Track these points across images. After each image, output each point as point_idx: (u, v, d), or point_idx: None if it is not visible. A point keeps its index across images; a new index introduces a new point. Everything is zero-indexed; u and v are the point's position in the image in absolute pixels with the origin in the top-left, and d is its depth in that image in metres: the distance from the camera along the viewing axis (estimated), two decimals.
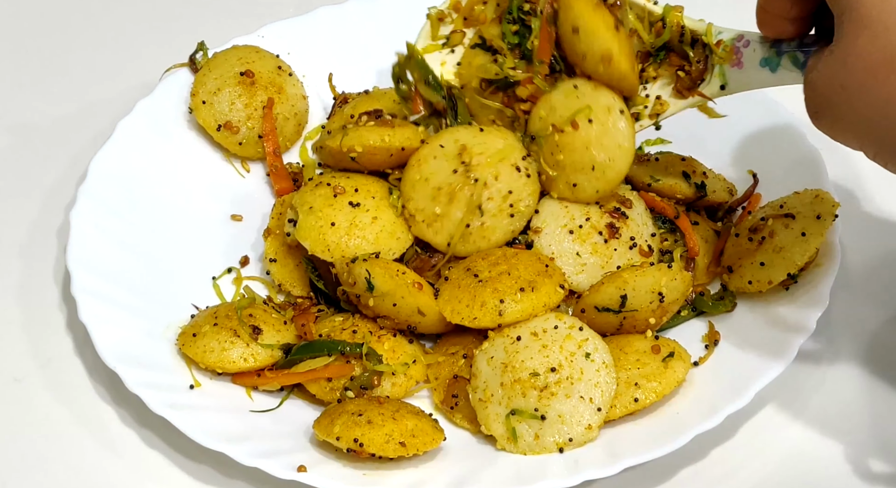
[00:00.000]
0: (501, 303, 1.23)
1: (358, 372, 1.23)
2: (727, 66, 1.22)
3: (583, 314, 1.26)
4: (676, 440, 1.15)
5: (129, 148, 1.43)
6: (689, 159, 1.41)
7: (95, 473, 1.21)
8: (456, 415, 1.23)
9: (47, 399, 1.27)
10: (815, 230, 1.27)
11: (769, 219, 1.30)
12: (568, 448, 1.17)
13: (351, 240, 1.29)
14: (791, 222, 1.29)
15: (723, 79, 1.23)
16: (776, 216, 1.30)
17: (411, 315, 1.25)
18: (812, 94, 1.03)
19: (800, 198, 1.32)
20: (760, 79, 1.18)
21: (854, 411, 1.25)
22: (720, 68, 1.23)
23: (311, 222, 1.29)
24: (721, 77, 1.23)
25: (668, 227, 1.35)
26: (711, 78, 1.24)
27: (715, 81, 1.24)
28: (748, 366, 1.21)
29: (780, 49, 1.14)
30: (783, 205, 1.32)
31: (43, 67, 1.69)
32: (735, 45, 1.21)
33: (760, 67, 1.17)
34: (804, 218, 1.28)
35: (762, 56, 1.16)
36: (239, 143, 1.47)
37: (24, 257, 1.42)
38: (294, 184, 1.45)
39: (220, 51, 1.51)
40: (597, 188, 1.29)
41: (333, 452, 1.17)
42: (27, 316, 1.36)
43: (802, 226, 1.27)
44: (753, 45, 1.18)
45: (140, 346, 1.24)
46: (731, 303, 1.30)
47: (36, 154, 1.56)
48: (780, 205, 1.33)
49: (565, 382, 1.18)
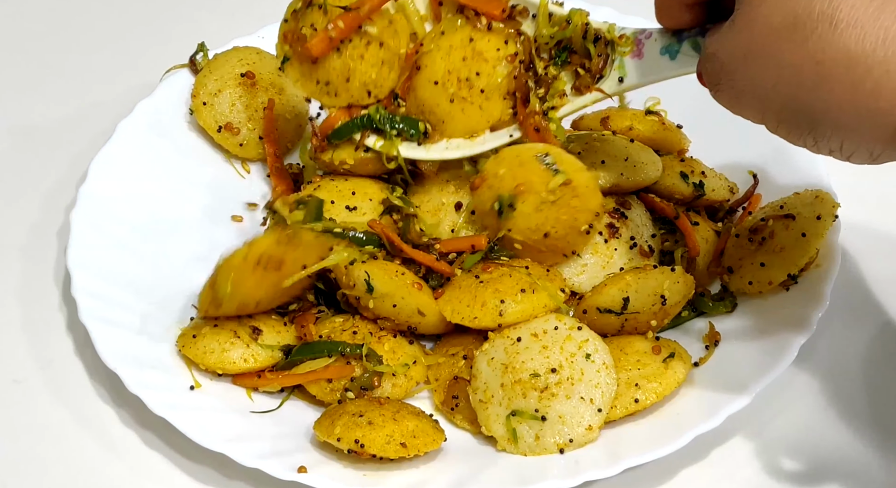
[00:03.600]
0: (502, 304, 1.23)
1: (358, 373, 1.23)
2: (627, 57, 1.22)
3: (584, 315, 1.26)
4: (677, 440, 1.15)
5: (129, 148, 1.43)
6: (688, 159, 1.41)
7: (96, 474, 1.21)
8: (456, 416, 1.23)
9: (48, 400, 1.27)
10: (816, 231, 1.27)
11: (769, 220, 1.30)
12: (568, 448, 1.17)
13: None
14: (791, 223, 1.29)
15: (622, 71, 1.23)
16: (776, 216, 1.30)
17: (411, 315, 1.25)
18: (712, 66, 1.01)
19: (800, 198, 1.32)
20: (660, 67, 1.18)
21: (855, 411, 1.25)
22: (620, 61, 1.23)
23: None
24: (620, 69, 1.23)
25: (669, 228, 1.35)
26: (610, 72, 1.24)
27: (613, 75, 1.24)
28: (748, 366, 1.21)
29: (681, 36, 1.15)
30: (783, 206, 1.32)
31: (43, 69, 1.69)
32: (637, 37, 1.22)
33: (661, 55, 1.18)
34: (804, 218, 1.28)
35: (662, 45, 1.18)
36: (240, 145, 1.47)
37: (24, 258, 1.42)
38: (295, 184, 1.45)
39: (220, 52, 1.51)
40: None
41: (334, 453, 1.17)
42: (27, 317, 1.36)
43: (802, 227, 1.27)
44: (655, 36, 1.19)
45: (140, 347, 1.25)
46: (731, 304, 1.31)
47: (36, 155, 1.56)
48: (780, 205, 1.33)
49: (566, 383, 1.18)
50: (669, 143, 1.42)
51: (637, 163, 1.34)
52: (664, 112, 1.45)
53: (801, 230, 1.27)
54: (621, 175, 1.33)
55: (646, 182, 1.34)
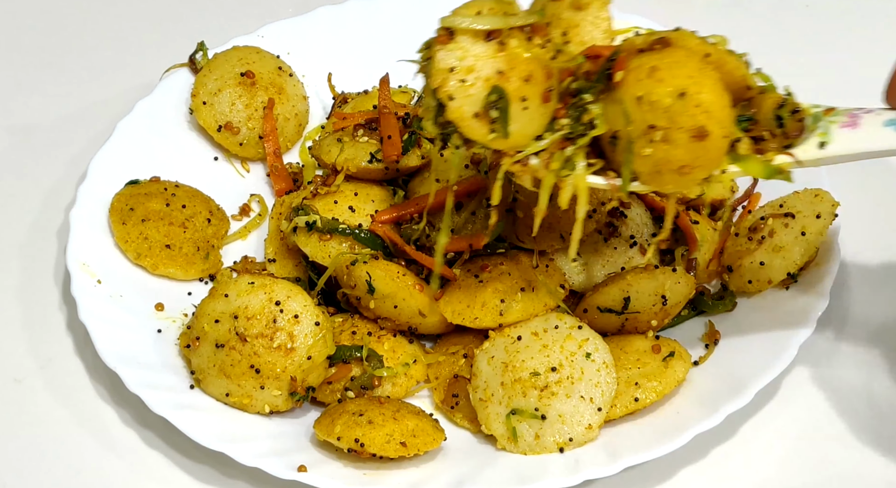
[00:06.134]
0: (502, 303, 1.23)
1: (358, 373, 1.23)
2: (835, 126, 1.06)
3: (585, 314, 1.26)
4: (676, 439, 1.15)
5: (129, 148, 1.43)
6: None
7: (96, 473, 1.21)
8: (456, 415, 1.23)
9: (47, 399, 1.27)
10: (815, 229, 1.27)
11: (769, 219, 1.30)
12: (568, 447, 1.17)
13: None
14: (791, 221, 1.29)
15: (825, 138, 1.05)
16: (776, 215, 1.30)
17: (412, 316, 1.25)
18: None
19: (799, 197, 1.32)
20: (881, 139, 1.03)
21: (855, 410, 1.25)
22: (825, 128, 1.06)
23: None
24: (824, 135, 1.06)
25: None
26: (809, 138, 1.06)
27: (812, 140, 1.06)
28: (748, 365, 1.21)
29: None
30: (783, 205, 1.32)
31: (43, 68, 1.69)
32: (853, 111, 1.06)
33: (885, 127, 1.04)
34: (804, 217, 1.28)
35: (889, 118, 1.04)
36: (240, 144, 1.47)
37: (24, 257, 1.42)
38: (294, 184, 1.45)
39: (220, 51, 1.51)
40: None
41: (334, 452, 1.17)
42: (27, 316, 1.36)
43: (802, 226, 1.27)
44: (878, 110, 1.05)
45: (140, 346, 1.25)
46: (731, 303, 1.31)
47: (36, 154, 1.56)
48: (779, 204, 1.33)
49: (566, 382, 1.18)
50: None
51: None
52: None
53: (801, 229, 1.27)
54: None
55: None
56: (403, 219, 1.31)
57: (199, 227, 1.37)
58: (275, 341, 1.19)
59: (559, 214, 1.25)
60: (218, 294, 1.22)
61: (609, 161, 1.07)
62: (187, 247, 1.35)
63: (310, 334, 1.20)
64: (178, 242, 1.35)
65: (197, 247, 1.36)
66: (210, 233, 1.38)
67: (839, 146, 1.05)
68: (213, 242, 1.38)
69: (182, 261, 1.34)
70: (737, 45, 1.08)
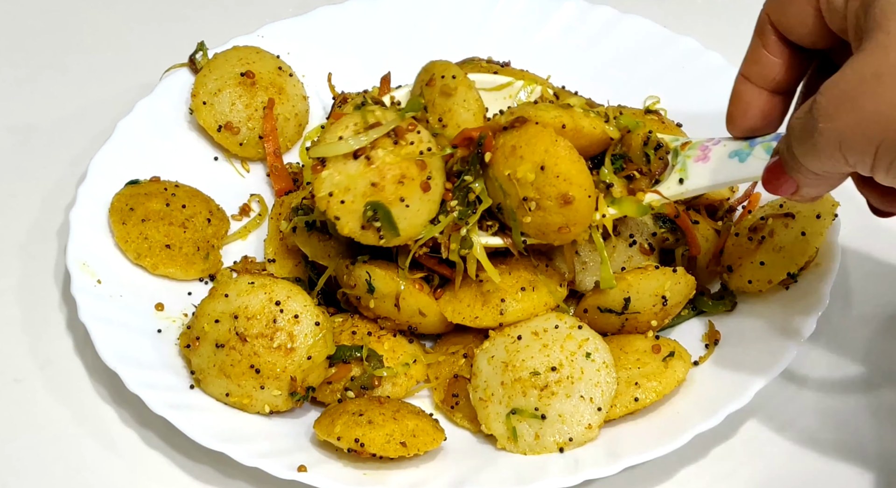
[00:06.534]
0: (503, 302, 1.23)
1: (358, 373, 1.23)
2: (690, 161, 1.19)
3: (585, 314, 1.26)
4: (677, 439, 1.15)
5: (129, 148, 1.43)
6: None
7: (95, 473, 1.21)
8: (456, 415, 1.23)
9: (47, 399, 1.27)
10: (815, 229, 1.27)
11: (769, 219, 1.30)
12: (568, 447, 1.17)
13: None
14: (791, 221, 1.29)
15: (683, 174, 1.20)
16: (776, 215, 1.30)
17: (412, 316, 1.25)
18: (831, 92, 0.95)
19: None
20: (727, 171, 1.15)
21: (855, 411, 1.25)
22: (682, 164, 1.20)
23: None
24: (682, 172, 1.20)
25: (669, 227, 1.35)
26: (669, 175, 1.21)
27: (673, 177, 1.20)
28: (748, 365, 1.21)
29: (754, 142, 1.13)
30: (783, 205, 1.32)
31: (43, 68, 1.69)
32: (704, 144, 1.19)
33: (729, 159, 1.15)
34: (804, 217, 1.28)
35: (732, 149, 1.15)
36: (240, 144, 1.47)
37: (24, 257, 1.42)
38: (294, 184, 1.45)
39: (220, 51, 1.51)
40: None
41: (334, 452, 1.17)
42: (27, 316, 1.36)
43: (802, 226, 1.27)
44: (724, 142, 1.16)
45: (140, 346, 1.25)
46: (731, 303, 1.31)
47: (36, 154, 1.56)
48: (779, 204, 1.33)
49: (566, 382, 1.18)
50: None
51: None
52: (664, 111, 1.44)
53: (801, 229, 1.27)
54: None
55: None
56: None
57: (199, 227, 1.37)
58: (275, 341, 1.19)
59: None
60: (218, 294, 1.22)
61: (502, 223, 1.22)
62: (187, 247, 1.35)
63: (310, 334, 1.20)
64: (178, 242, 1.35)
65: (197, 247, 1.36)
66: (210, 233, 1.38)
67: (695, 181, 1.19)
68: (213, 242, 1.38)
69: (182, 261, 1.34)
70: (737, 43, 1.14)
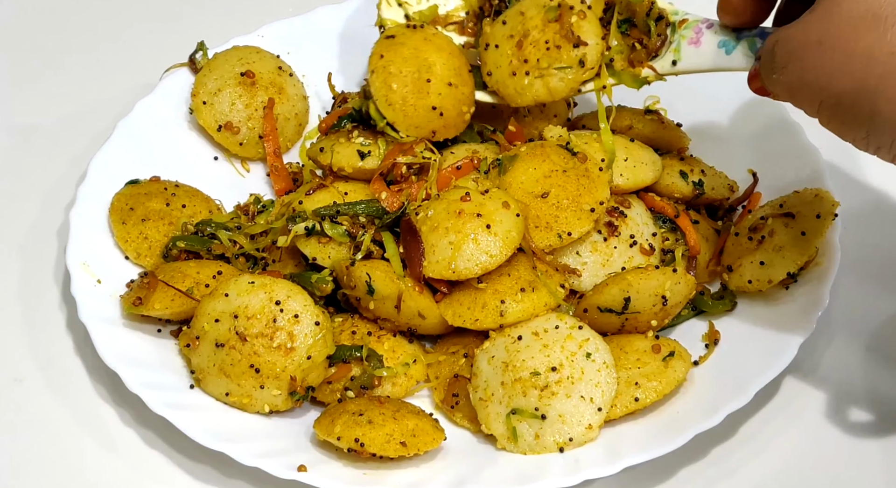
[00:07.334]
0: (502, 304, 1.23)
1: (358, 373, 1.23)
2: (685, 42, 1.27)
3: (585, 314, 1.26)
4: (677, 439, 1.15)
5: (129, 148, 1.43)
6: (687, 158, 1.41)
7: (95, 473, 1.21)
8: (456, 415, 1.23)
9: (48, 399, 1.27)
10: (815, 229, 1.27)
11: (769, 219, 1.30)
12: (568, 447, 1.17)
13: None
14: (791, 221, 1.29)
15: (677, 55, 1.28)
16: (776, 215, 1.30)
17: (412, 318, 1.25)
18: (781, 49, 1.03)
19: (800, 197, 1.32)
20: (714, 59, 1.23)
21: (855, 410, 1.25)
22: (678, 44, 1.28)
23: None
24: (676, 53, 1.28)
25: (669, 227, 1.35)
26: (665, 53, 1.29)
27: (668, 56, 1.29)
28: (748, 365, 1.21)
29: (740, 35, 1.20)
30: (783, 204, 1.32)
31: (43, 68, 1.69)
32: (698, 25, 1.26)
33: (717, 48, 1.22)
34: (804, 217, 1.28)
35: (721, 38, 1.22)
36: (240, 144, 1.47)
37: (24, 257, 1.42)
38: (294, 183, 1.45)
39: (220, 51, 1.51)
40: None
41: (334, 452, 1.17)
42: (27, 316, 1.36)
43: (802, 226, 1.27)
44: (716, 28, 1.24)
45: (140, 346, 1.25)
46: (731, 303, 1.31)
47: (36, 154, 1.56)
48: (779, 204, 1.33)
49: (566, 382, 1.18)
50: (669, 142, 1.42)
51: (637, 163, 1.34)
52: (664, 111, 1.45)
53: (801, 228, 1.27)
54: (621, 175, 1.33)
55: (646, 181, 1.34)
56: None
57: None
58: (275, 341, 1.19)
59: (556, 213, 1.26)
60: (218, 293, 1.22)
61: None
62: None
63: (310, 334, 1.20)
64: None
65: None
66: None
67: (686, 63, 1.27)
68: None
69: None
70: None
